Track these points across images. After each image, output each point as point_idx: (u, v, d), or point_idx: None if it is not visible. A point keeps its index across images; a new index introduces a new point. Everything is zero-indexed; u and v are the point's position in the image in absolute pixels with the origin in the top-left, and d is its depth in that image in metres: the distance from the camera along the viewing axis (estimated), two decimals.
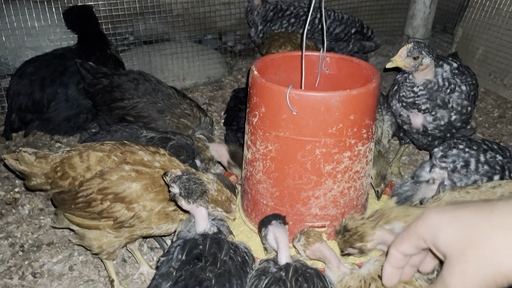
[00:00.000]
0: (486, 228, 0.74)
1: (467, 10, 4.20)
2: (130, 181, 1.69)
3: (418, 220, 0.86)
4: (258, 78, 1.78)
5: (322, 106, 1.66)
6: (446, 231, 0.80)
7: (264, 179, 1.92)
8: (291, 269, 1.45)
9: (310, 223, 1.92)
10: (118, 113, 2.62)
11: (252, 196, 2.03)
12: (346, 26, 3.88)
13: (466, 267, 0.75)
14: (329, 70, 2.15)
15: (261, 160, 1.89)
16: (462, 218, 0.78)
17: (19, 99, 2.94)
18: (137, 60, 3.94)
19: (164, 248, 2.19)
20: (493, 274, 0.73)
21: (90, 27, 3.30)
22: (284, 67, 2.16)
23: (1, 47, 3.55)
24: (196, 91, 3.99)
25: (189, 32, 4.37)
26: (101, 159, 1.76)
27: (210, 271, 1.40)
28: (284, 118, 1.72)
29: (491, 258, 0.72)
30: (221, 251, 1.47)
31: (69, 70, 3.01)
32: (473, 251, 0.74)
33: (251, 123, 1.89)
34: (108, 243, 1.79)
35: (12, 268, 2.11)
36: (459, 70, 2.42)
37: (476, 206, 0.79)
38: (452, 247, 0.78)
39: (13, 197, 2.60)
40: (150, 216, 1.72)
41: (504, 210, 0.74)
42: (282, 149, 1.79)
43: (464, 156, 2.08)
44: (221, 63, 4.22)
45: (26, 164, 1.82)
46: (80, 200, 1.72)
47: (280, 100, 1.70)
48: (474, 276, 0.74)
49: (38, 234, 2.33)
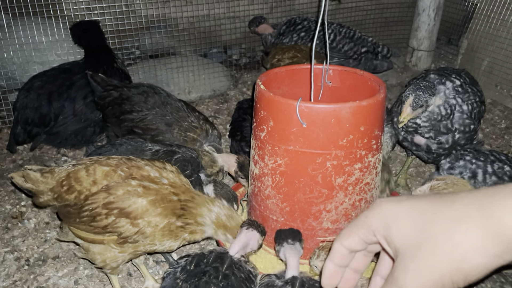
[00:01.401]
0: (445, 220, 0.65)
1: (472, 21, 4.20)
2: (136, 196, 1.68)
3: (369, 211, 0.76)
4: (265, 92, 1.77)
5: (332, 118, 1.65)
6: (401, 223, 0.70)
7: (273, 194, 1.89)
8: (297, 282, 1.43)
9: (321, 237, 1.89)
10: (127, 125, 2.62)
11: (260, 212, 2.00)
12: (355, 45, 3.89)
13: (422, 264, 0.66)
14: (332, 83, 2.14)
15: (270, 175, 1.86)
16: (419, 210, 0.70)
17: (25, 112, 2.96)
18: (143, 74, 3.97)
19: (170, 262, 2.17)
20: (451, 272, 0.64)
21: (96, 42, 3.34)
22: (287, 80, 2.15)
23: (9, 62, 3.59)
24: (202, 104, 4.00)
25: (194, 46, 4.41)
26: (107, 173, 1.76)
27: (214, 284, 1.40)
28: (294, 132, 1.71)
29: (450, 253, 0.64)
30: (222, 265, 1.47)
31: (76, 84, 3.03)
32: (430, 245, 0.66)
33: (258, 137, 1.87)
34: (112, 258, 1.78)
35: (18, 283, 2.09)
36: (462, 88, 2.38)
37: (436, 198, 0.70)
38: (407, 241, 0.69)
39: (19, 211, 2.59)
40: (154, 232, 1.70)
41: (466, 202, 0.66)
42: (292, 163, 1.77)
43: (471, 167, 2.06)
44: (226, 76, 4.24)
45: (32, 182, 1.81)
46: (85, 214, 1.71)
47: (290, 113, 1.68)
48: (431, 274, 0.65)
49: (44, 248, 2.32)
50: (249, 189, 2.13)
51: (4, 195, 2.75)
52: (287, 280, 1.45)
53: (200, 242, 2.34)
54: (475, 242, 0.63)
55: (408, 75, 4.54)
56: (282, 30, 4.05)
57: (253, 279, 1.54)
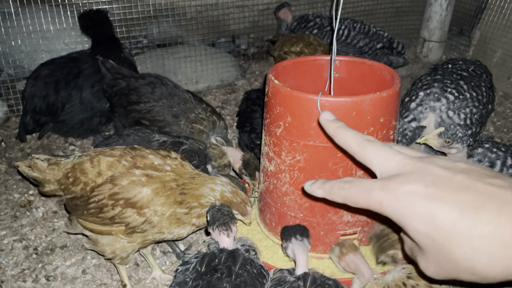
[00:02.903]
0: (477, 227, 0.70)
1: (484, 12, 4.12)
2: (141, 186, 1.67)
3: (384, 188, 0.84)
4: (281, 87, 1.72)
5: (354, 111, 1.61)
6: (420, 221, 0.76)
7: (291, 190, 1.85)
8: (309, 279, 1.40)
9: (341, 231, 1.87)
10: (134, 116, 2.61)
11: (277, 209, 1.97)
12: (370, 40, 3.83)
13: (438, 267, 0.77)
14: (339, 74, 2.10)
15: (287, 172, 1.83)
16: (442, 211, 0.73)
17: (33, 101, 2.96)
18: (151, 63, 3.95)
19: (177, 252, 2.17)
20: (469, 275, 0.72)
21: (104, 32, 3.31)
22: (293, 73, 2.11)
23: (17, 50, 3.59)
24: (209, 94, 3.98)
25: (202, 35, 4.37)
26: (111, 164, 1.75)
27: (227, 282, 1.39)
28: (314, 127, 1.66)
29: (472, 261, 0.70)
30: (235, 264, 1.46)
31: (84, 73, 3.02)
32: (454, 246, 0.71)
33: (273, 134, 1.83)
34: (121, 248, 1.78)
35: (26, 271, 2.11)
36: (459, 99, 2.38)
37: (469, 196, 0.72)
38: (427, 239, 0.76)
39: (28, 200, 2.60)
40: (161, 221, 1.70)
41: (496, 213, 0.68)
42: (312, 158, 1.73)
43: (491, 156, 2.01)
44: (234, 66, 4.21)
45: (39, 171, 1.81)
46: (91, 206, 1.71)
47: (309, 108, 1.64)
48: (448, 272, 0.74)
49: (52, 237, 2.33)
50: (261, 186, 2.09)
51: (12, 183, 2.76)
52: (298, 276, 1.44)
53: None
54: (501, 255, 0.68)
55: (418, 66, 4.48)
56: (293, 26, 4.00)
57: (264, 274, 1.52)
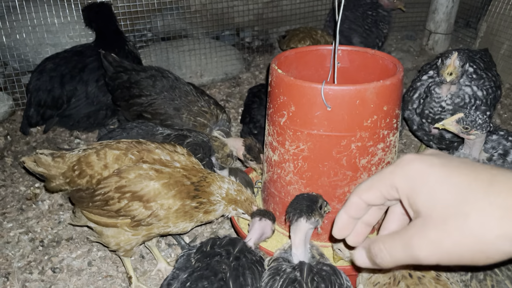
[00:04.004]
0: (480, 201, 0.65)
1: (491, 3, 4.07)
2: (148, 179, 1.68)
3: (395, 167, 0.74)
4: (285, 76, 1.72)
5: (357, 99, 1.61)
6: (430, 189, 0.69)
7: (295, 180, 1.85)
8: (305, 268, 1.40)
9: None
10: (136, 110, 2.62)
11: (281, 198, 1.97)
12: None
13: (445, 237, 0.66)
14: (341, 63, 2.09)
15: (291, 161, 1.83)
16: (453, 182, 0.68)
17: (38, 94, 2.97)
18: (155, 56, 3.94)
19: (182, 245, 2.18)
20: (474, 252, 0.65)
21: (108, 25, 3.30)
22: (295, 63, 2.11)
23: (22, 44, 3.59)
24: (214, 88, 3.97)
25: (206, 28, 4.36)
26: (118, 157, 1.75)
27: (226, 264, 1.44)
28: (318, 115, 1.67)
29: (479, 236, 0.63)
30: (234, 248, 1.51)
31: (89, 67, 3.02)
32: (459, 222, 0.65)
33: (277, 123, 1.83)
34: (126, 240, 1.79)
35: (32, 263, 2.12)
36: (477, 74, 2.35)
37: (473, 172, 0.68)
38: (434, 210, 0.68)
39: (33, 193, 2.62)
40: (168, 215, 1.71)
41: (504, 188, 0.64)
42: (316, 147, 1.73)
43: (506, 144, 1.99)
44: (238, 60, 4.20)
45: (44, 166, 1.82)
46: (97, 198, 1.72)
47: (313, 97, 1.64)
48: (452, 248, 0.66)
49: (58, 229, 2.34)
50: (264, 176, 2.09)
51: (18, 176, 2.78)
52: (295, 266, 1.44)
53: (212, 226, 2.35)
54: (508, 230, 0.62)
55: (424, 58, 4.44)
56: None
57: (263, 263, 1.55)
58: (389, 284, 1.43)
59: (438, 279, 1.40)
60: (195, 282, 1.40)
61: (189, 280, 1.41)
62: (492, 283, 1.37)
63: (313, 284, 1.36)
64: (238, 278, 1.42)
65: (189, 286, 1.39)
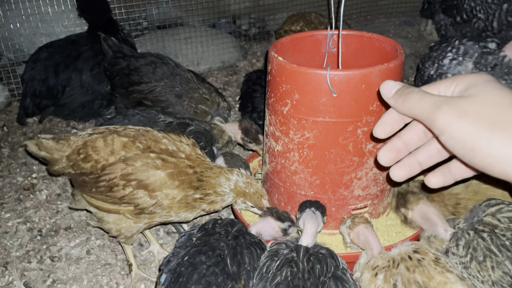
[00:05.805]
0: None
1: None
2: (155, 168, 1.66)
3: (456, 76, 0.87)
4: (287, 64, 1.68)
5: (363, 83, 1.59)
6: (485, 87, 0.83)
7: (301, 169, 1.82)
8: (301, 249, 1.43)
9: (353, 205, 1.86)
10: (135, 97, 2.59)
11: (286, 189, 1.94)
12: None
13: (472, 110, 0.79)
14: (336, 48, 2.07)
15: (296, 150, 1.79)
16: (506, 93, 0.80)
17: (33, 84, 2.94)
18: (151, 45, 3.91)
19: (181, 232, 2.18)
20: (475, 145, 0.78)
21: (101, 14, 3.26)
22: (291, 50, 2.07)
23: (16, 33, 3.56)
24: (211, 76, 3.94)
25: (202, 16, 4.31)
26: (125, 144, 1.73)
27: (225, 242, 1.48)
28: (323, 102, 1.64)
29: None
30: (232, 228, 1.56)
31: (83, 56, 2.99)
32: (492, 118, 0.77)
33: (280, 112, 1.79)
34: (127, 227, 1.78)
35: (31, 252, 2.12)
36: None
37: None
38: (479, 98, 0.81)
39: (31, 183, 2.61)
40: (171, 205, 1.70)
41: None
42: (322, 135, 1.71)
43: None
44: (235, 48, 4.16)
45: (46, 150, 1.80)
46: (102, 184, 1.70)
47: (318, 83, 1.61)
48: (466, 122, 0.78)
49: (56, 219, 2.33)
50: (267, 167, 2.06)
51: (15, 167, 2.76)
52: (292, 248, 1.46)
53: (212, 216, 2.34)
54: None
55: (422, 44, 4.41)
56: None
57: (262, 246, 1.56)
58: (388, 267, 1.42)
59: (437, 261, 1.40)
60: (192, 256, 1.43)
61: (187, 255, 1.44)
62: (492, 264, 1.37)
63: (308, 264, 1.39)
64: (236, 256, 1.44)
65: (187, 260, 1.42)
